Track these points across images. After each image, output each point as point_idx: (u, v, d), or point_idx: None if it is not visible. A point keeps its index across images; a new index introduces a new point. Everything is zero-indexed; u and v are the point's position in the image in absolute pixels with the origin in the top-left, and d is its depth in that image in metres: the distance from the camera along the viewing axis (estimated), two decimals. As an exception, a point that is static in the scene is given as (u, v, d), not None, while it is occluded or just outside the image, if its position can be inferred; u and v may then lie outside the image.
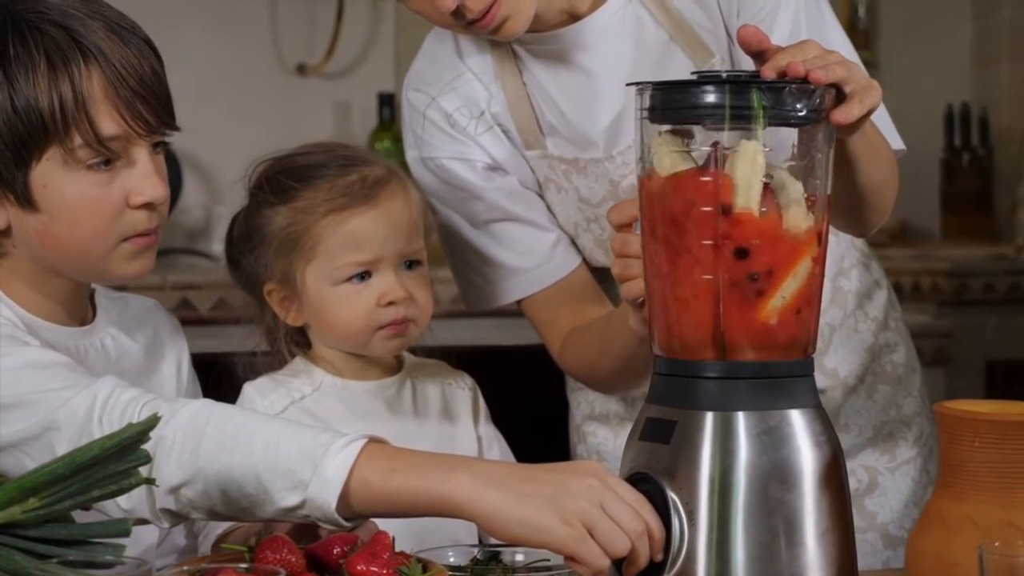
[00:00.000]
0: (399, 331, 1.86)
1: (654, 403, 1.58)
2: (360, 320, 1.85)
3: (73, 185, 1.69)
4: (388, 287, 1.85)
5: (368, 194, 1.85)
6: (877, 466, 2.05)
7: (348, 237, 1.84)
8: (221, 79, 3.70)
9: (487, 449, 1.93)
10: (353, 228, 1.84)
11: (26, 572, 1.36)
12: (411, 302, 1.86)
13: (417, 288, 1.87)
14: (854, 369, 2.05)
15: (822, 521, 1.54)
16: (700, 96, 1.53)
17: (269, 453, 1.52)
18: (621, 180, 1.91)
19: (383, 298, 1.85)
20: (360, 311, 1.85)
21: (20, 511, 1.37)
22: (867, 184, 1.73)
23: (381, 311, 1.85)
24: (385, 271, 1.85)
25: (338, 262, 1.84)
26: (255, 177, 1.90)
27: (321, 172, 1.87)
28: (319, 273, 1.85)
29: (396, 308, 1.85)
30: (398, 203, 1.86)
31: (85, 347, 1.78)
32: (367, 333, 1.86)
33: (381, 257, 1.84)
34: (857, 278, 2.07)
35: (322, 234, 1.84)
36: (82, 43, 1.68)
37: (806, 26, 1.85)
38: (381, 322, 1.85)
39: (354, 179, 1.85)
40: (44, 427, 1.60)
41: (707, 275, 1.53)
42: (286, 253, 1.86)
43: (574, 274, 1.96)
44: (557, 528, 1.47)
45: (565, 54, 1.90)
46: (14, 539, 1.38)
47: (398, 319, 1.85)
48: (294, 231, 1.85)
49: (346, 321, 1.85)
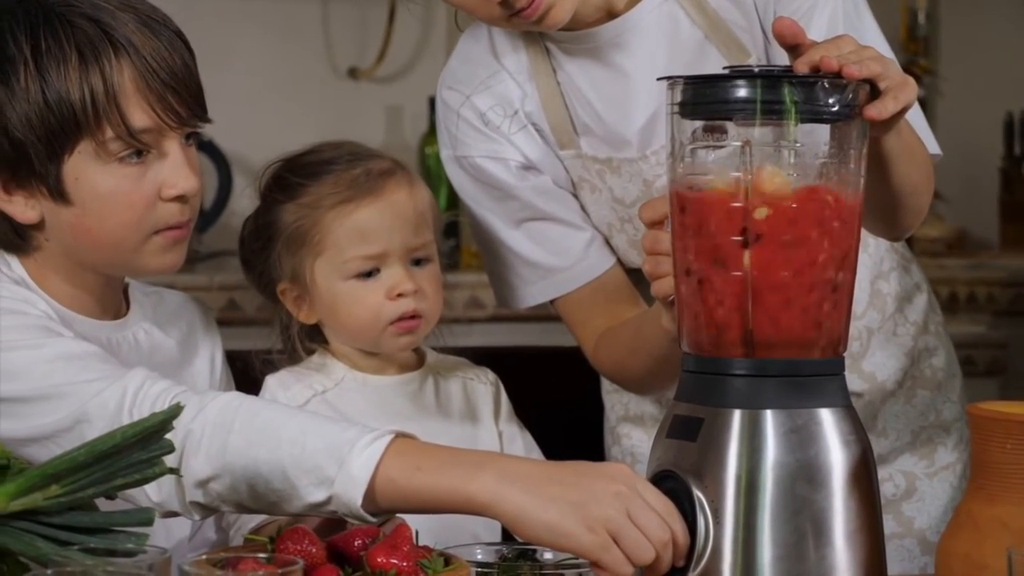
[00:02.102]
0: (409, 327, 1.86)
1: (682, 400, 1.58)
2: (371, 314, 1.85)
3: (105, 178, 1.70)
4: (397, 280, 1.85)
5: (372, 186, 1.86)
6: (915, 471, 2.03)
7: (354, 229, 1.85)
8: (273, 82, 3.72)
9: (508, 445, 1.93)
10: (359, 220, 1.85)
11: (47, 559, 1.36)
12: (421, 296, 1.86)
13: (427, 282, 1.87)
14: (893, 373, 2.03)
15: (850, 522, 1.53)
16: (731, 91, 1.52)
17: (296, 448, 1.53)
18: (655, 180, 1.90)
19: (392, 291, 1.85)
20: (370, 305, 1.85)
21: (42, 497, 1.38)
22: (901, 185, 1.70)
23: (391, 305, 1.85)
24: (393, 265, 1.86)
25: (346, 255, 1.85)
26: (265, 179, 1.92)
27: (327, 168, 1.88)
28: (328, 268, 1.86)
29: (406, 301, 1.85)
30: (402, 195, 1.87)
31: (118, 340, 1.79)
32: (377, 329, 1.86)
33: (388, 250, 1.85)
34: (896, 281, 2.05)
35: (329, 227, 1.85)
36: (113, 36, 1.69)
37: (843, 26, 1.83)
38: (391, 316, 1.85)
39: (359, 172, 1.87)
40: (76, 419, 1.61)
41: (736, 271, 1.52)
42: (295, 249, 1.87)
43: (608, 274, 1.95)
44: (582, 534, 1.47)
45: (600, 53, 1.89)
46: (36, 525, 1.39)
47: (408, 313, 1.85)
48: (302, 226, 1.86)
49: (357, 316, 1.86)
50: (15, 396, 1.63)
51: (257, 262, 1.91)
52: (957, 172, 3.65)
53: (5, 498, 1.36)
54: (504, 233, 1.95)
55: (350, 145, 1.93)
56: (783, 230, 1.52)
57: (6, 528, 1.37)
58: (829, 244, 1.53)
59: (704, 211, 1.54)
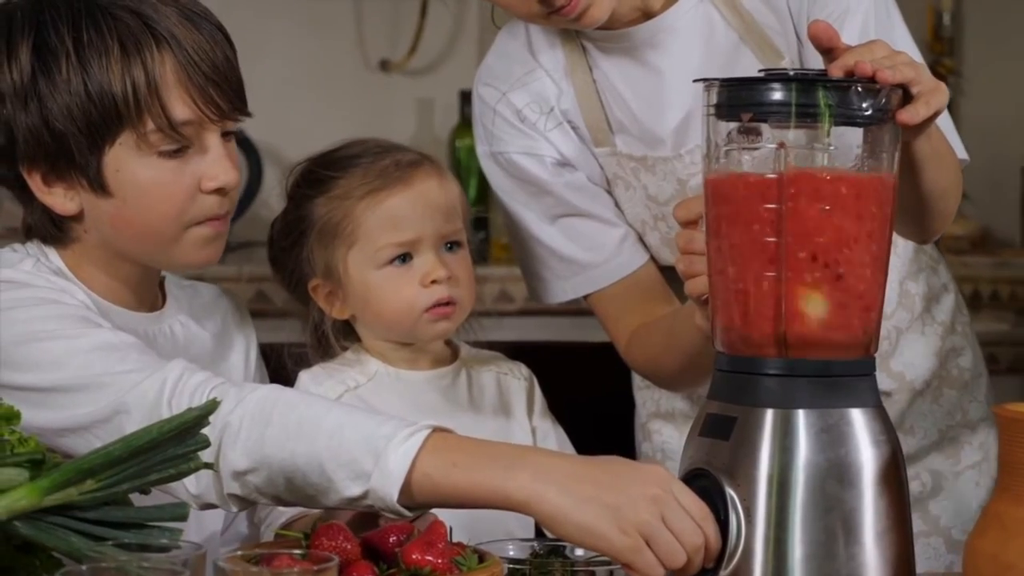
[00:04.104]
0: (444, 313, 1.87)
1: (715, 399, 1.59)
2: (405, 302, 1.86)
3: (146, 169, 1.71)
4: (430, 266, 1.86)
5: (402, 176, 1.87)
6: (942, 470, 2.04)
7: (386, 218, 1.86)
8: (305, 73, 3.73)
9: (542, 440, 1.94)
10: (390, 208, 1.86)
11: (81, 554, 1.36)
12: (454, 282, 1.87)
13: (460, 269, 1.88)
14: (921, 373, 2.04)
15: (880, 521, 1.54)
16: (766, 94, 1.54)
17: (333, 442, 1.53)
18: (689, 179, 1.91)
19: (426, 278, 1.86)
20: (405, 293, 1.86)
21: (77, 492, 1.37)
22: (931, 189, 1.72)
23: (425, 292, 1.86)
24: (425, 252, 1.87)
25: (379, 243, 1.86)
26: (293, 178, 1.94)
27: (356, 161, 1.90)
28: (361, 258, 1.87)
29: (440, 287, 1.86)
30: (432, 184, 1.88)
31: (154, 333, 1.80)
32: (413, 317, 1.87)
33: (420, 237, 1.86)
34: (925, 281, 2.06)
35: (361, 217, 1.86)
36: (155, 28, 1.70)
37: (875, 31, 1.85)
38: (426, 304, 1.86)
39: (388, 163, 1.88)
40: (114, 410, 1.62)
41: (770, 272, 1.54)
42: (328, 242, 1.88)
43: (642, 270, 1.97)
44: (615, 537, 1.48)
45: (636, 52, 1.91)
46: (71, 520, 1.38)
47: (443, 299, 1.86)
48: (333, 218, 1.87)
49: (392, 305, 1.87)
50: (53, 386, 1.64)
51: (287, 260, 1.92)
52: (981, 171, 3.64)
53: (39, 493, 1.36)
54: (538, 229, 1.97)
55: (376, 140, 1.94)
56: (816, 231, 1.53)
57: (40, 523, 1.37)
58: (863, 246, 1.55)
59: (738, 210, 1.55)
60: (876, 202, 1.55)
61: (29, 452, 1.40)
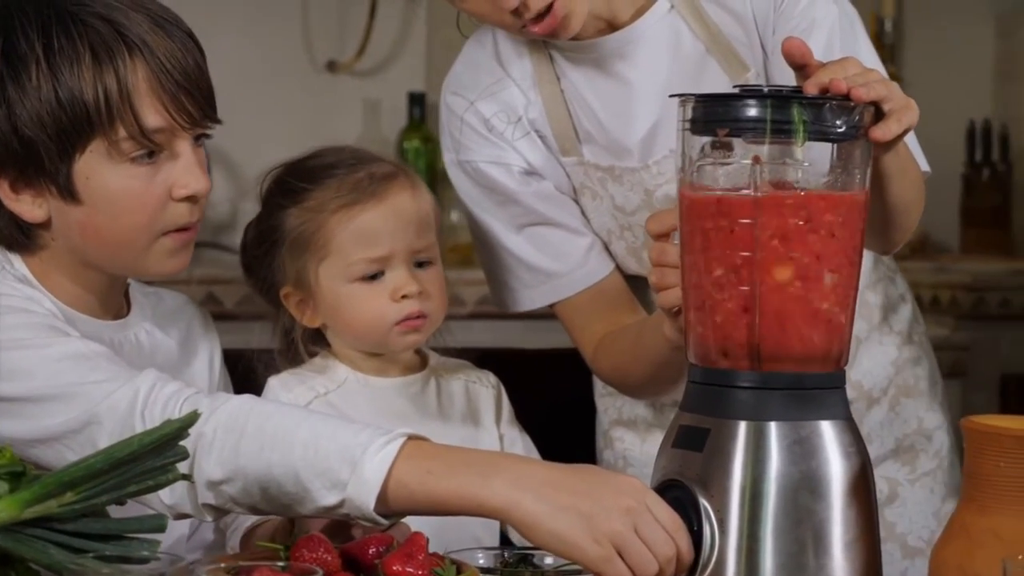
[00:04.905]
0: (414, 326, 1.88)
1: (688, 411, 1.60)
2: (375, 316, 1.87)
3: (117, 177, 1.70)
4: (401, 281, 1.87)
5: (376, 190, 1.87)
6: (898, 477, 2.07)
7: (358, 233, 1.86)
8: (251, 74, 3.71)
9: (509, 448, 1.94)
10: (363, 223, 1.86)
11: (61, 566, 1.36)
12: (425, 297, 1.88)
13: (431, 283, 1.89)
14: (878, 382, 2.06)
15: (849, 531, 1.56)
16: (742, 109, 1.55)
17: (308, 452, 1.54)
18: (656, 189, 1.93)
19: (396, 292, 1.87)
20: (375, 307, 1.87)
21: (57, 504, 1.38)
22: (896, 203, 1.74)
23: (395, 306, 1.87)
24: (397, 267, 1.87)
25: (351, 258, 1.86)
26: (267, 184, 1.94)
27: (330, 172, 1.90)
28: (332, 271, 1.87)
29: (410, 302, 1.87)
30: (406, 198, 1.88)
31: (120, 340, 1.79)
32: (383, 330, 1.87)
33: (392, 253, 1.87)
34: (883, 292, 2.09)
35: (333, 231, 1.86)
36: (127, 36, 1.69)
37: (840, 44, 1.87)
38: (396, 318, 1.87)
39: (362, 176, 1.88)
40: (86, 421, 1.61)
41: (744, 286, 1.56)
42: (299, 253, 1.88)
43: (608, 279, 1.98)
44: (588, 546, 1.49)
45: (603, 62, 1.92)
46: (50, 532, 1.38)
47: (413, 314, 1.87)
48: (306, 230, 1.88)
49: (362, 318, 1.87)
50: (21, 396, 1.63)
51: (259, 267, 1.92)
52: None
53: (19, 505, 1.36)
54: (505, 237, 1.98)
55: (351, 149, 1.94)
56: (790, 247, 1.55)
57: (19, 535, 1.37)
58: (835, 260, 1.57)
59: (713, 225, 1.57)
60: (849, 217, 1.57)
61: (8, 464, 1.40)
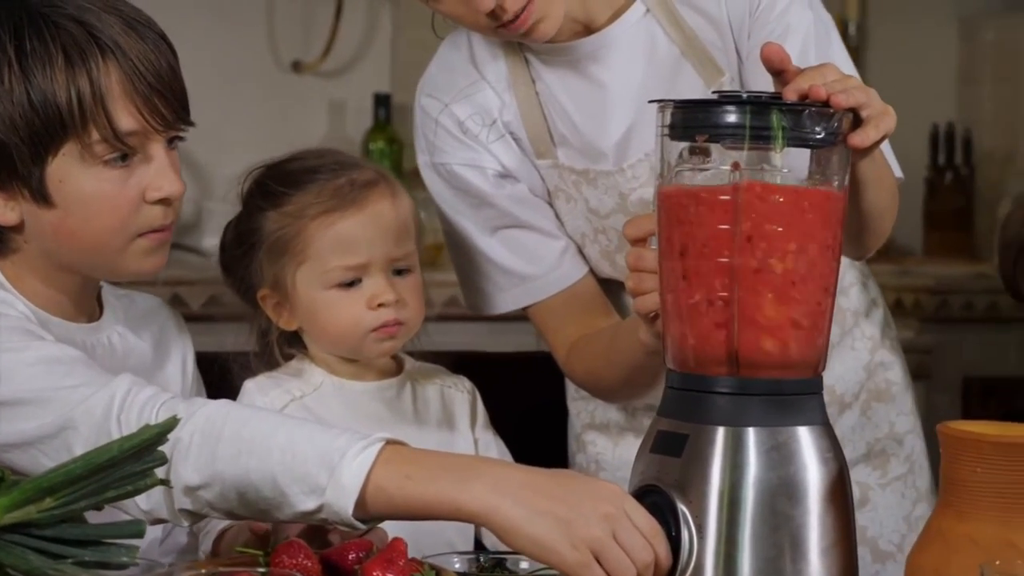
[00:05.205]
0: (390, 333, 1.87)
1: (666, 416, 1.60)
2: (351, 322, 1.86)
3: (90, 180, 1.69)
4: (378, 290, 1.86)
5: (356, 197, 1.87)
6: (869, 482, 2.08)
7: (337, 240, 1.86)
8: (215, 73, 3.69)
9: (483, 452, 1.94)
10: (342, 231, 1.86)
11: (41, 572, 1.35)
12: (402, 305, 1.87)
13: (408, 291, 1.88)
14: (850, 386, 2.07)
15: (826, 537, 1.57)
16: (721, 115, 1.55)
17: (286, 457, 1.53)
18: (630, 193, 1.93)
19: (373, 300, 1.86)
20: (351, 314, 1.86)
21: (36, 510, 1.37)
22: (871, 209, 1.75)
23: (372, 313, 1.86)
24: (375, 275, 1.87)
25: (328, 265, 1.86)
26: (247, 184, 1.93)
27: (311, 177, 1.89)
28: (310, 276, 1.87)
29: (387, 311, 1.86)
30: (386, 206, 1.88)
31: (93, 343, 1.78)
32: (358, 336, 1.87)
33: (370, 261, 1.86)
34: (856, 297, 2.10)
35: (312, 237, 1.86)
36: (100, 38, 1.68)
37: (815, 50, 1.88)
38: (372, 325, 1.86)
39: (343, 182, 1.88)
40: (61, 425, 1.60)
41: (723, 292, 1.56)
42: (277, 257, 1.88)
43: (581, 283, 1.98)
44: (566, 551, 1.49)
45: (579, 65, 1.92)
46: (28, 538, 1.38)
47: (389, 321, 1.87)
48: (284, 235, 1.87)
49: (338, 324, 1.87)
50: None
51: (238, 268, 1.92)
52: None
53: (-2, 511, 1.35)
54: (479, 240, 1.97)
55: (333, 154, 1.94)
56: (769, 252, 1.56)
57: (-2, 541, 1.36)
58: (813, 266, 1.57)
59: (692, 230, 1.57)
60: (828, 223, 1.58)
61: (-14, 471, 1.39)
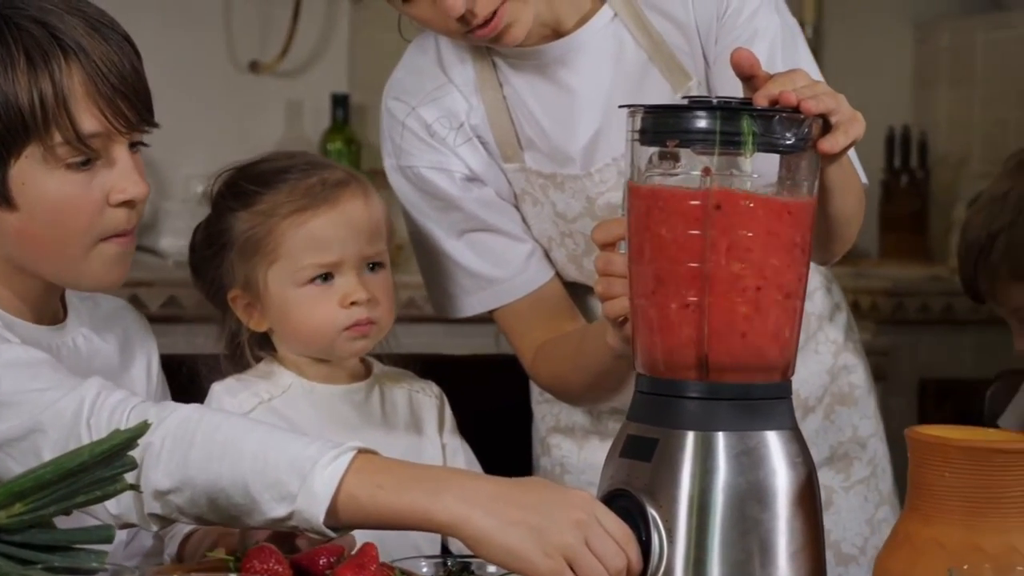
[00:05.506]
0: (362, 332, 1.87)
1: (635, 421, 1.60)
2: (324, 321, 1.86)
3: (53, 183, 1.68)
4: (351, 288, 1.86)
5: (328, 196, 1.87)
6: (832, 485, 2.08)
7: (309, 238, 1.85)
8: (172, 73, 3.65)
9: (451, 457, 1.94)
10: (314, 229, 1.86)
11: (11, 579, 1.35)
12: (374, 303, 1.87)
13: (379, 290, 1.88)
14: (814, 390, 2.08)
15: (794, 541, 1.57)
16: (691, 121, 1.56)
17: (258, 463, 1.53)
18: (598, 197, 1.93)
19: (346, 299, 1.86)
20: (324, 312, 1.86)
21: (5, 516, 1.36)
22: (838, 215, 1.76)
23: (344, 312, 1.86)
24: (347, 272, 1.86)
25: (300, 263, 1.85)
26: (217, 186, 1.92)
27: (282, 177, 1.89)
28: (282, 275, 1.86)
29: (359, 309, 1.86)
30: (358, 204, 1.88)
31: (57, 346, 1.77)
32: (331, 335, 1.87)
33: (343, 259, 1.86)
34: (820, 301, 2.11)
35: (284, 235, 1.85)
36: (62, 40, 1.67)
37: (781, 55, 1.88)
38: (345, 324, 1.86)
39: (314, 181, 1.87)
40: (29, 429, 1.59)
41: (692, 296, 1.56)
42: (248, 257, 1.87)
43: (547, 286, 1.98)
44: (539, 560, 1.49)
45: (546, 69, 1.92)
46: (-3, 544, 1.37)
47: (362, 320, 1.86)
48: (256, 234, 1.87)
49: (310, 323, 1.86)
50: None
51: (208, 269, 1.91)
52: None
53: (-33, 517, 1.34)
54: (446, 243, 1.97)
55: (304, 155, 1.94)
56: (739, 257, 1.56)
57: (-34, 547, 1.35)
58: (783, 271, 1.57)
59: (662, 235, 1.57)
60: (798, 228, 1.58)
61: (-46, 476, 1.38)
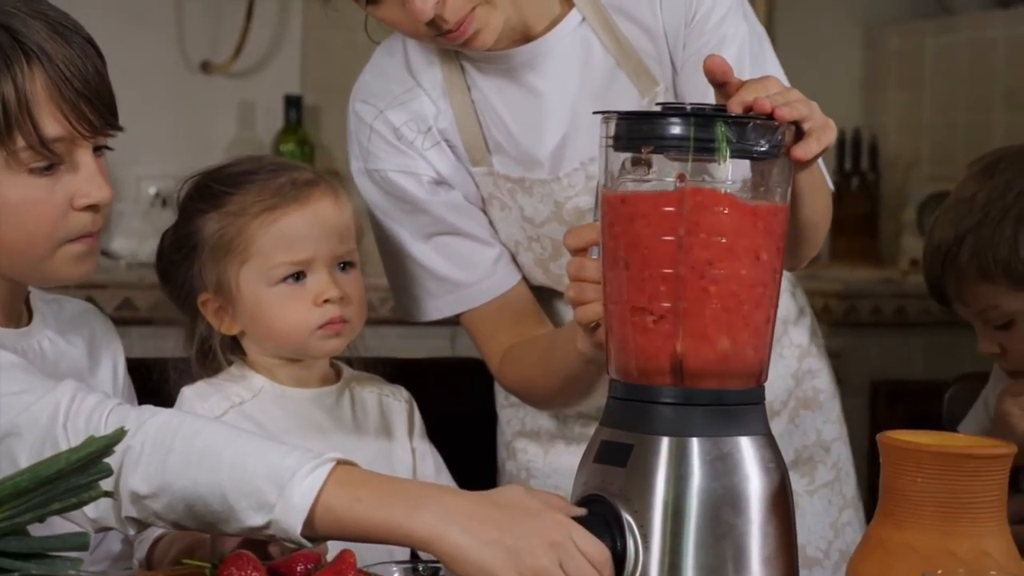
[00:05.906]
0: (336, 331, 1.87)
1: (609, 426, 1.60)
2: (297, 320, 1.86)
3: (16, 188, 1.67)
4: (323, 286, 1.86)
5: (298, 195, 1.86)
6: (797, 489, 2.08)
7: (280, 236, 1.85)
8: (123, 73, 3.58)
9: (420, 462, 1.94)
10: (285, 227, 1.85)
11: (-15, 587, 1.34)
12: (346, 302, 1.87)
13: (351, 289, 1.88)
14: (778, 394, 2.09)
15: (768, 545, 1.57)
16: (665, 127, 1.56)
17: (236, 471, 1.52)
18: (566, 202, 1.93)
19: (318, 297, 1.86)
20: (297, 311, 1.86)
21: (-18, 525, 1.35)
22: (807, 220, 1.77)
23: (317, 311, 1.86)
24: (319, 271, 1.86)
25: (272, 261, 1.85)
26: (185, 190, 1.91)
27: (250, 178, 1.88)
28: (254, 275, 1.86)
29: (332, 307, 1.86)
30: (328, 204, 1.88)
31: (23, 349, 1.76)
32: (304, 334, 1.86)
33: (314, 256, 1.86)
34: (785, 305, 2.12)
35: (255, 235, 1.85)
36: (25, 43, 1.66)
37: (749, 61, 1.89)
38: (318, 323, 1.86)
39: (283, 181, 1.87)
40: (5, 432, 1.58)
41: (666, 302, 1.56)
42: (219, 258, 1.86)
43: (515, 290, 1.98)
44: None
45: (514, 73, 1.92)
46: (-29, 554, 1.35)
47: (335, 318, 1.86)
48: (227, 234, 1.86)
49: (283, 322, 1.86)
50: None
51: (177, 274, 1.90)
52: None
53: (-56, 525, 1.33)
54: (412, 246, 1.97)
55: (270, 157, 1.95)
56: (713, 262, 1.56)
57: (-60, 556, 1.33)
58: (756, 277, 1.58)
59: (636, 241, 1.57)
60: (771, 234, 1.58)
61: (-71, 484, 1.36)
